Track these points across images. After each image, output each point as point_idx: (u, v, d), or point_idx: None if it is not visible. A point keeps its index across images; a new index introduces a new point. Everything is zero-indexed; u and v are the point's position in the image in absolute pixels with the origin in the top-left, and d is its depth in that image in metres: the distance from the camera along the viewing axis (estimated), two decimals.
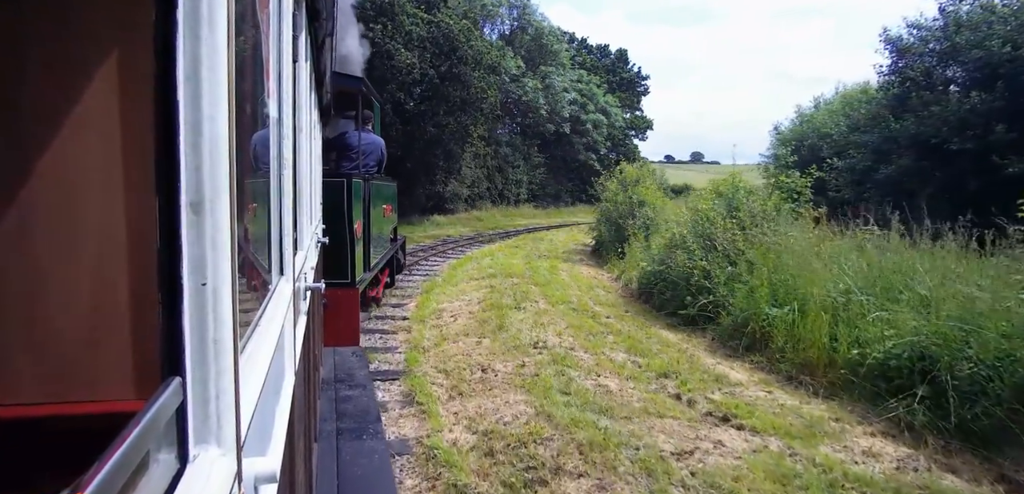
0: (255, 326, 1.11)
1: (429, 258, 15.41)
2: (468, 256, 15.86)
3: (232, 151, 0.68)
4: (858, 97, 22.17)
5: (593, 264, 15.27)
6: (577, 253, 17.33)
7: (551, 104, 36.73)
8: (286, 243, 1.65)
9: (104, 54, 1.37)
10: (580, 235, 21.83)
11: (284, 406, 1.40)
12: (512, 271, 12.44)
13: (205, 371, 0.64)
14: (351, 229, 6.31)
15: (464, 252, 17.11)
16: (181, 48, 0.58)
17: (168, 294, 0.58)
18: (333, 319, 6.02)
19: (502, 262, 13.87)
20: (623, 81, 52.50)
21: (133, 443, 0.47)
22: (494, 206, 31.50)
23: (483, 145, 30.76)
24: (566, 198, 39.19)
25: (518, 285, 10.71)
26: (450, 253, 16.81)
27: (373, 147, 7.52)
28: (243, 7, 0.95)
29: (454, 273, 12.53)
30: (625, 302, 10.30)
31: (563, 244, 19.82)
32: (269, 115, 1.42)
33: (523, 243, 19.52)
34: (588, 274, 13.32)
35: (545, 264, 13.97)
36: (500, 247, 18.19)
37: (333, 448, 3.96)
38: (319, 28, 2.81)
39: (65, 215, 1.42)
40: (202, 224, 0.62)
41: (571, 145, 39.76)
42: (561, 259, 15.50)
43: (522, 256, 15.51)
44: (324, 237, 4.48)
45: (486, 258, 15.08)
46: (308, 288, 2.51)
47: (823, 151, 19.89)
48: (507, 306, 8.82)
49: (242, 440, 0.74)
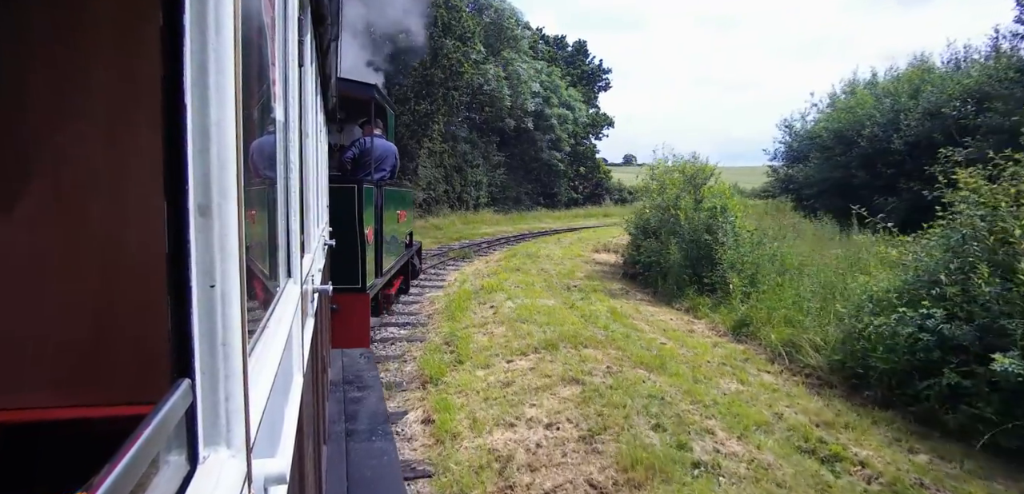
0: (263, 328, 1.12)
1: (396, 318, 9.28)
2: (462, 290, 10.91)
3: (240, 154, 0.68)
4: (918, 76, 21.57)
5: (648, 297, 11.47)
6: (604, 276, 13.63)
7: (515, 95, 32.23)
8: (293, 245, 1.66)
9: (112, 59, 1.38)
10: (577, 247, 18.11)
11: (293, 407, 1.41)
12: (562, 325, 8.01)
13: (214, 373, 0.64)
14: (362, 235, 6.33)
15: (443, 279, 12.60)
16: (188, 52, 0.58)
17: (177, 297, 0.58)
18: (344, 325, 6.06)
19: (528, 305, 9.19)
20: (583, 75, 47.64)
21: (143, 445, 0.47)
22: (453, 211, 27.27)
23: (440, 141, 27.03)
24: (526, 201, 34.72)
25: (616, 373, 6.28)
26: (427, 285, 11.82)
27: (386, 153, 7.56)
28: (249, 11, 0.95)
29: (464, 340, 7.60)
30: (811, 391, 6.51)
31: (569, 259, 15.97)
32: (276, 118, 1.42)
33: (519, 262, 14.84)
34: (677, 323, 9.33)
35: (597, 305, 9.79)
36: (493, 269, 13.76)
37: (342, 449, 3.98)
38: (324, 32, 2.82)
39: (74, 219, 1.43)
40: (210, 227, 0.62)
41: (533, 142, 35.33)
42: (601, 291, 11.42)
43: (542, 286, 11.38)
44: (331, 240, 4.49)
45: (498, 295, 10.28)
46: (316, 290, 2.52)
47: (893, 142, 19.93)
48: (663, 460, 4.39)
49: (252, 441, 0.74)
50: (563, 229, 26.64)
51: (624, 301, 10.76)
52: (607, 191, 41.59)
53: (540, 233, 24.87)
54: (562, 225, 28.79)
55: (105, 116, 1.41)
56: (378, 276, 7.16)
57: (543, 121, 35.47)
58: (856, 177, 21.15)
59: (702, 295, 10.58)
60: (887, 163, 20.03)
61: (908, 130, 19.78)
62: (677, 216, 12.25)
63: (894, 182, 19.34)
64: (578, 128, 39.25)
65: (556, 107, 36.82)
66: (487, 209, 30.24)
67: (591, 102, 45.93)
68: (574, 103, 39.26)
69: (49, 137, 1.41)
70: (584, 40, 52.62)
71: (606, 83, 50.85)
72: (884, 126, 20.92)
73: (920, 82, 21.21)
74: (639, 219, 14.43)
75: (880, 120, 21.17)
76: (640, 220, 14.23)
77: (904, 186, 18.59)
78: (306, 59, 2.08)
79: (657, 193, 13.64)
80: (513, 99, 32.04)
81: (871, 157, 20.84)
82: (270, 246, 1.39)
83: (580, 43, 49.93)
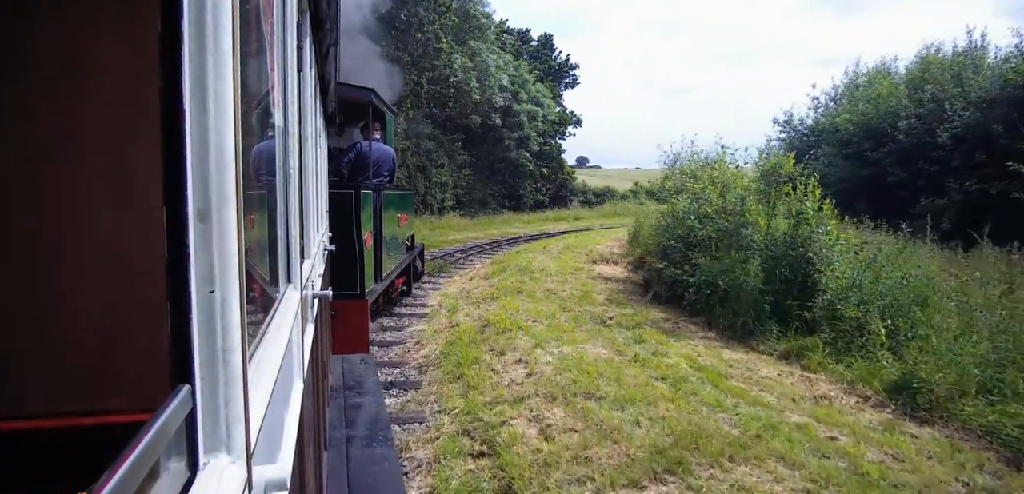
0: (263, 334, 1.11)
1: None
2: (461, 327, 7.92)
3: (239, 160, 0.68)
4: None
5: (704, 329, 8.69)
6: (626, 296, 10.75)
7: (483, 89, 29.35)
8: (293, 251, 1.66)
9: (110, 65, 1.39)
10: (570, 257, 15.01)
11: (293, 413, 1.40)
12: (653, 402, 5.32)
13: (214, 379, 0.64)
14: (360, 240, 6.30)
15: (424, 303, 10.07)
16: (187, 58, 0.58)
17: (176, 303, 0.58)
18: (343, 330, 6.03)
19: (573, 359, 6.37)
20: (550, 70, 43.55)
21: (143, 451, 0.47)
22: (417, 216, 24.46)
23: (403, 137, 24.99)
24: (492, 204, 32.07)
25: None
26: (405, 313, 9.23)
27: (384, 157, 7.54)
28: (248, 16, 0.95)
29: (506, 447, 4.50)
30: None
31: (569, 274, 12.53)
32: (275, 124, 1.43)
33: (514, 280, 11.50)
34: (793, 383, 6.63)
35: (669, 356, 7.01)
36: (484, 289, 10.94)
37: (343, 455, 3.97)
38: (323, 37, 2.82)
39: (74, 226, 1.43)
40: (209, 232, 0.62)
41: (500, 141, 32.28)
42: (645, 324, 8.58)
43: (567, 319, 8.48)
44: (331, 245, 4.49)
45: (518, 338, 7.21)
46: (315, 296, 2.52)
47: (939, 135, 17.69)
48: None
49: (252, 448, 0.74)
50: (538, 235, 23.96)
51: (689, 342, 7.89)
52: (571, 193, 39.29)
53: (515, 240, 21.99)
54: (535, 230, 26.38)
55: (104, 123, 1.41)
56: (377, 281, 7.13)
57: (511, 118, 32.36)
58: (891, 175, 18.88)
59: (801, 335, 7.69)
60: (930, 159, 17.90)
61: (958, 121, 17.42)
62: (747, 223, 9.58)
63: (939, 180, 17.16)
64: (546, 126, 36.55)
65: (524, 103, 33.86)
66: (453, 213, 28.16)
67: (557, 99, 42.19)
68: (543, 99, 36.55)
69: (47, 145, 1.41)
70: (550, 34, 48.46)
71: (573, 79, 46.69)
72: (924, 117, 18.54)
73: (960, 68, 18.76)
74: (668, 227, 11.44)
75: (919, 111, 18.68)
76: (672, 229, 11.07)
77: (954, 185, 16.53)
78: (305, 64, 2.09)
79: (700, 195, 10.86)
80: (482, 93, 29.24)
81: (910, 153, 18.58)
82: (270, 251, 1.39)
83: (546, 37, 45.99)
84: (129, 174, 1.40)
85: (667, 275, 10.41)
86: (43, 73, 1.40)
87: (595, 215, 35.72)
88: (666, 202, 12.79)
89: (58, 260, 1.43)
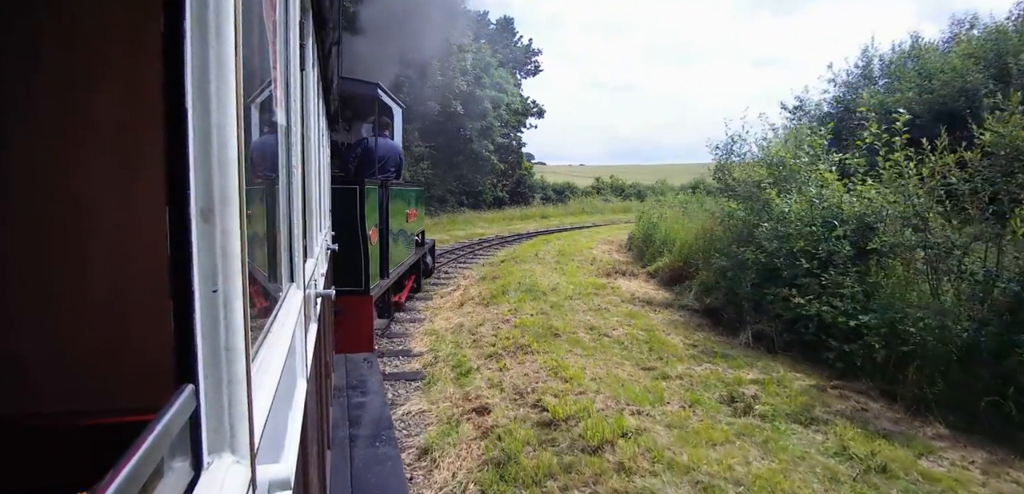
0: (266, 333, 1.11)
1: None
2: (505, 462, 4.15)
3: (241, 158, 0.68)
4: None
5: (838, 382, 6.25)
6: (714, 349, 7.28)
7: (445, 69, 26.14)
8: (296, 250, 1.66)
9: (113, 64, 1.39)
10: (574, 268, 12.46)
11: (296, 412, 1.41)
12: None
13: (218, 378, 0.64)
14: (365, 237, 6.28)
15: (407, 344, 7.52)
16: (190, 56, 0.58)
17: (179, 302, 0.58)
18: (347, 328, 6.02)
19: None
20: (510, 55, 39.34)
21: (147, 451, 0.47)
22: None
23: None
24: (451, 201, 28.94)
25: None
26: (390, 389, 5.86)
27: (391, 153, 7.53)
28: (250, 15, 0.95)
29: None
30: None
31: (596, 295, 9.88)
32: (277, 122, 1.43)
33: (527, 308, 8.60)
34: None
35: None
36: (488, 325, 7.85)
37: (346, 455, 3.97)
38: (326, 35, 2.82)
39: (77, 225, 1.44)
40: (212, 231, 0.62)
41: (460, 131, 28.73)
42: (812, 406, 5.53)
43: (683, 406, 5.32)
44: (334, 244, 4.49)
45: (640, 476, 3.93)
46: (318, 295, 2.52)
47: None
48: None
49: (256, 447, 0.73)
50: (512, 237, 21.00)
51: (921, 445, 4.90)
52: (530, 189, 35.86)
53: (487, 244, 18.59)
54: (504, 230, 23.54)
55: (107, 122, 1.41)
56: (383, 277, 7.11)
57: (473, 104, 28.38)
58: None
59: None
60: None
61: None
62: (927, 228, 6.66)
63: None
64: (509, 115, 32.61)
65: (487, 89, 29.90)
66: None
67: (517, 87, 37.67)
68: (506, 85, 32.87)
69: (51, 144, 1.41)
70: (510, 17, 43.81)
71: (535, 66, 41.78)
72: None
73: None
74: (745, 235, 8.94)
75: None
76: (769, 240, 8.18)
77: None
78: (308, 63, 2.09)
79: (822, 194, 8.21)
80: (443, 75, 25.84)
81: None
82: (273, 250, 1.39)
83: (506, 20, 41.08)
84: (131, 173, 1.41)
85: (772, 307, 7.67)
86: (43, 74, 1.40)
87: (562, 213, 33.54)
88: (731, 198, 10.14)
89: (61, 259, 1.44)
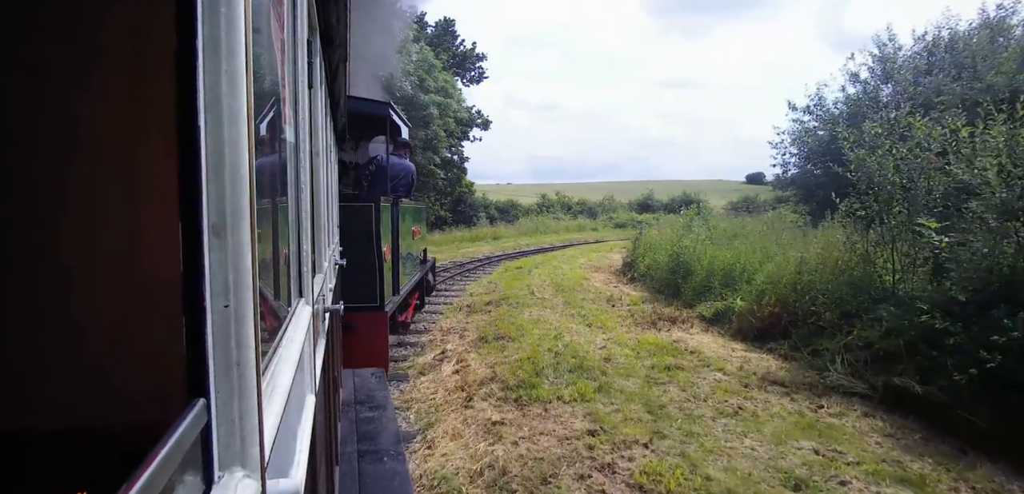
0: (276, 348, 1.12)
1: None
2: None
3: (252, 175, 0.69)
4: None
5: None
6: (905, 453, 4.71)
7: (386, 72, 22.64)
8: (305, 266, 1.67)
9: (125, 80, 1.41)
10: (592, 312, 10.05)
11: (305, 427, 1.41)
12: None
13: (229, 393, 0.64)
14: (379, 253, 6.32)
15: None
16: (201, 74, 0.59)
17: (191, 316, 0.59)
18: (362, 344, 6.02)
19: None
20: (454, 58, 35.33)
21: (159, 465, 0.47)
22: None
23: None
24: None
25: None
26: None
27: (403, 171, 7.62)
28: (260, 34, 0.97)
29: None
30: None
31: (652, 355, 7.32)
32: (286, 140, 1.44)
33: (580, 392, 5.83)
34: None
35: None
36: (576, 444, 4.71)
37: (354, 470, 3.96)
38: (333, 54, 2.86)
39: (88, 238, 1.45)
40: (224, 247, 0.63)
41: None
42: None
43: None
44: (342, 259, 4.51)
45: None
46: (327, 310, 2.53)
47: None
48: None
49: (266, 462, 0.74)
50: (473, 264, 18.11)
51: None
52: (471, 208, 32.40)
53: (448, 274, 15.72)
54: (458, 254, 20.69)
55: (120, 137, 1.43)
56: (395, 294, 7.15)
57: (417, 110, 25.03)
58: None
59: None
60: None
61: None
62: None
63: None
64: (455, 125, 29.24)
65: (432, 93, 26.65)
66: None
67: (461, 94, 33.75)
68: (451, 90, 29.53)
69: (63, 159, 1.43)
70: (452, 19, 37.42)
71: (479, 72, 37.54)
72: None
73: None
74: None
75: None
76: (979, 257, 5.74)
77: None
78: (315, 81, 2.11)
79: None
80: (386, 76, 22.23)
81: None
82: (282, 266, 1.40)
83: (447, 21, 36.26)
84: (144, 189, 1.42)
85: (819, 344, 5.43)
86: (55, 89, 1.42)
87: (515, 234, 30.23)
88: None
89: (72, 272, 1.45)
